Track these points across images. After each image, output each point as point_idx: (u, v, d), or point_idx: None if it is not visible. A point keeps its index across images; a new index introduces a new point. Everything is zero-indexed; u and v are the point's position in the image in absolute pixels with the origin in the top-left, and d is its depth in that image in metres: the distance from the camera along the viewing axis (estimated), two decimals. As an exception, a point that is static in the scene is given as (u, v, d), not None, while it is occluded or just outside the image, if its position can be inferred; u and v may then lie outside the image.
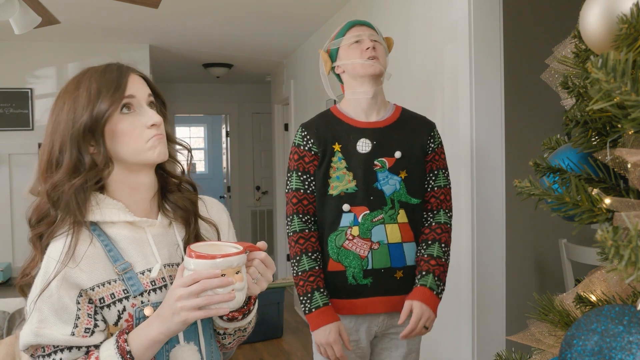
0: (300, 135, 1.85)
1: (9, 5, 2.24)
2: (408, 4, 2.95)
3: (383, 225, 1.80)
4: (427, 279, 1.79)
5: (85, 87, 1.09)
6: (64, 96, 1.12)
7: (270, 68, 6.24)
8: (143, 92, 1.13)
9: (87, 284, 1.05)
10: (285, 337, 4.76)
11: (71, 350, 1.04)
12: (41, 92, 4.72)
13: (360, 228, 1.79)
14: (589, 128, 1.02)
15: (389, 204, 1.81)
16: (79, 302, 1.04)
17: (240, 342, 1.30)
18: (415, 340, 1.89)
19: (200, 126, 10.22)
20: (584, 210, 0.90)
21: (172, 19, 4.09)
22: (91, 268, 1.06)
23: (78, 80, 1.12)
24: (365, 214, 1.80)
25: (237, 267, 1.02)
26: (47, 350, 1.04)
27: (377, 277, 1.80)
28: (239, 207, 7.51)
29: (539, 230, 3.41)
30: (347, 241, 1.80)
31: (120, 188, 1.13)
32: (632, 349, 0.69)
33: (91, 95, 1.08)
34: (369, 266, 1.79)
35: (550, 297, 1.09)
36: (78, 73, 1.14)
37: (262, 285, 1.11)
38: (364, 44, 1.82)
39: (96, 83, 1.09)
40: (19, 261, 4.52)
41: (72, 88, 1.11)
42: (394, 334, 1.87)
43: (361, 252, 1.79)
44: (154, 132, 1.10)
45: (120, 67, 1.13)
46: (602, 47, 0.86)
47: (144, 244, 1.12)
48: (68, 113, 1.09)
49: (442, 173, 1.90)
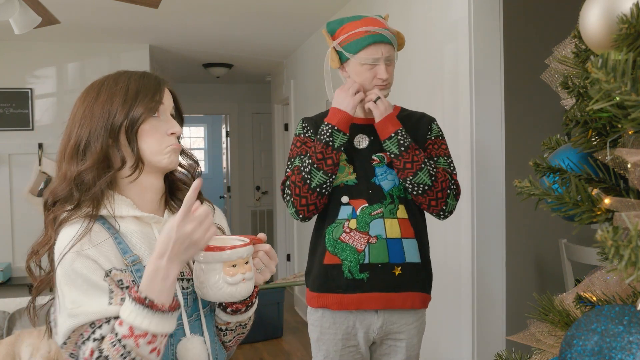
0: (300, 126, 1.90)
1: (9, 5, 2.24)
2: (408, 4, 2.95)
3: (382, 219, 1.78)
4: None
5: (124, 85, 1.15)
6: (99, 87, 1.16)
7: (270, 68, 6.24)
8: (169, 103, 1.21)
9: (107, 266, 1.07)
10: (285, 337, 4.76)
11: (109, 321, 1.03)
12: (41, 92, 4.72)
13: (358, 221, 1.78)
14: (589, 128, 1.02)
15: (388, 199, 1.80)
16: (106, 280, 1.06)
17: (239, 340, 1.32)
18: (414, 346, 1.88)
19: (200, 126, 10.22)
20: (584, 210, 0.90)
21: (172, 19, 4.09)
22: (106, 253, 1.09)
23: (116, 77, 1.18)
24: (363, 207, 1.79)
25: (247, 257, 1.09)
26: (86, 334, 1.03)
27: (374, 272, 1.77)
28: (239, 207, 7.51)
29: (539, 230, 3.41)
30: (344, 234, 1.78)
31: (130, 186, 1.17)
32: (632, 349, 0.69)
33: (128, 95, 1.14)
34: (366, 260, 1.77)
35: (550, 297, 1.09)
36: (114, 72, 1.20)
37: (265, 276, 1.17)
38: (379, 70, 1.79)
39: (135, 85, 1.15)
40: (19, 261, 4.52)
41: (111, 82, 1.16)
42: (392, 340, 1.85)
43: (358, 245, 1.77)
44: (173, 140, 1.18)
45: (157, 76, 1.21)
46: (602, 47, 0.86)
47: (151, 239, 1.16)
48: (104, 105, 1.13)
49: (444, 160, 1.85)
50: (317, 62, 4.50)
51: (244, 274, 1.07)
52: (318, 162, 1.75)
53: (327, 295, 1.81)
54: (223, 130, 8.12)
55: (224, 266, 1.06)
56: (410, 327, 1.85)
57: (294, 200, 1.78)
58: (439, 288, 2.64)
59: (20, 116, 4.66)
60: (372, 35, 1.78)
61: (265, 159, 7.47)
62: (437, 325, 2.67)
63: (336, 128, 1.77)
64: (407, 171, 1.74)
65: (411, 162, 1.75)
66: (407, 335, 1.85)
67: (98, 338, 1.02)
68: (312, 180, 1.75)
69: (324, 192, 1.77)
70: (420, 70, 2.86)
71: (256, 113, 7.51)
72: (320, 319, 1.85)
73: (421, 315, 1.91)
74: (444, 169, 1.81)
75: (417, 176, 1.75)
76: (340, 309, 1.81)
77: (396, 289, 1.80)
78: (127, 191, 1.17)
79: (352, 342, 1.84)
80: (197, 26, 4.34)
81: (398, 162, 1.76)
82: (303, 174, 1.76)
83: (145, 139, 1.15)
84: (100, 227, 1.12)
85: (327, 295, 1.81)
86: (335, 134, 1.76)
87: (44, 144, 4.65)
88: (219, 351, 1.22)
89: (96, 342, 1.01)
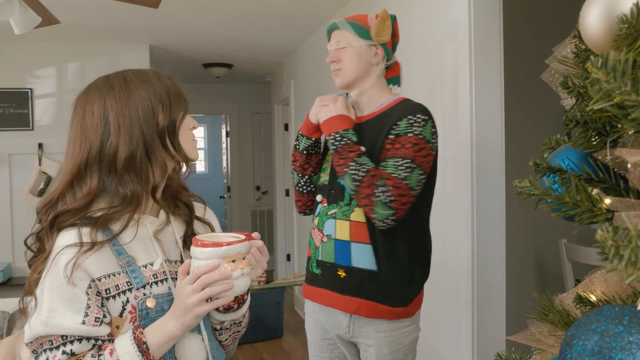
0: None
1: (9, 5, 2.24)
2: (408, 4, 2.95)
3: (334, 220, 1.79)
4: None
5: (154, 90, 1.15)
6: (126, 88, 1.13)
7: (270, 68, 6.24)
8: None
9: (96, 274, 1.08)
10: (285, 337, 4.76)
11: (81, 341, 1.05)
12: (41, 92, 4.72)
13: (318, 219, 1.85)
14: (589, 128, 1.02)
15: (345, 200, 1.77)
16: (88, 293, 1.07)
17: (236, 339, 1.33)
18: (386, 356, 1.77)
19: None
20: (584, 210, 0.90)
21: (172, 19, 4.09)
22: (99, 259, 1.09)
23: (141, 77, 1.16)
24: (324, 207, 1.84)
25: (244, 253, 1.12)
26: (55, 343, 1.04)
27: (324, 269, 1.82)
28: (239, 207, 7.51)
29: (539, 230, 3.41)
30: (312, 229, 1.88)
31: None
32: (632, 349, 0.69)
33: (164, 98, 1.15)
34: (319, 257, 1.83)
35: (550, 297, 1.09)
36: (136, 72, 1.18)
37: (257, 272, 1.19)
38: (328, 56, 1.85)
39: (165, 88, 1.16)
40: (19, 261, 4.52)
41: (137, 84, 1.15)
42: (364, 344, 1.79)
43: (316, 241, 1.85)
44: (194, 134, 1.24)
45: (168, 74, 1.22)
46: (602, 47, 0.86)
47: (146, 240, 1.17)
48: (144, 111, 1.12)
49: (393, 162, 1.66)
50: (317, 62, 4.50)
51: (243, 269, 1.09)
52: (292, 164, 1.98)
53: (304, 283, 1.95)
54: (223, 130, 8.12)
55: (223, 262, 1.08)
56: (379, 336, 1.76)
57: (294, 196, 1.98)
58: (439, 288, 2.64)
59: (20, 116, 4.66)
60: (329, 26, 1.88)
61: (265, 159, 7.47)
62: (436, 325, 2.67)
63: (300, 133, 1.93)
64: (337, 173, 1.78)
65: (338, 165, 1.73)
66: (376, 343, 1.76)
67: (68, 352, 1.05)
68: (293, 180, 1.97)
69: (302, 191, 1.94)
70: (420, 70, 2.86)
71: (256, 113, 7.51)
72: (307, 307, 1.97)
73: (399, 326, 1.78)
74: (390, 173, 1.65)
75: (344, 179, 1.72)
76: (305, 297, 1.93)
77: (340, 291, 1.78)
78: None
79: (328, 335, 1.89)
80: (197, 26, 4.34)
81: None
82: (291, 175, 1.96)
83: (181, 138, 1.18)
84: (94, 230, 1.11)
85: (304, 283, 1.95)
86: (300, 138, 1.93)
87: (44, 144, 4.64)
88: (216, 350, 1.23)
89: (65, 355, 1.04)
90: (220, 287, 1.07)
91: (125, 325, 1.10)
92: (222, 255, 1.08)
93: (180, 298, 1.08)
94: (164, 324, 1.09)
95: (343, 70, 1.80)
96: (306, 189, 1.93)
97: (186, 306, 1.07)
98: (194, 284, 1.06)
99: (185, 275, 1.09)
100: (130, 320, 1.10)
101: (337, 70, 1.81)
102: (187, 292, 1.06)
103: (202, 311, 1.07)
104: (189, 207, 1.29)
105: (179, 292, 1.09)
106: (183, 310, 1.07)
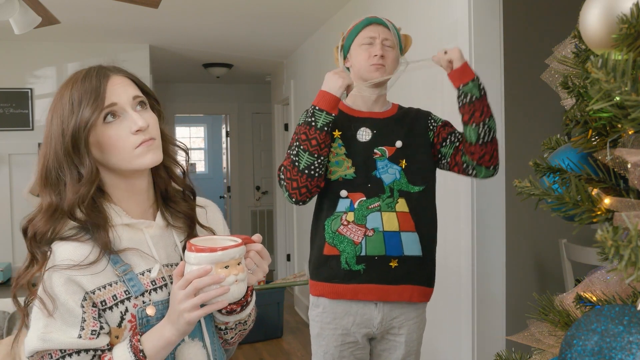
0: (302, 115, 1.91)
1: (9, 5, 2.24)
2: (408, 4, 2.95)
3: (379, 212, 1.80)
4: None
5: (68, 96, 1.07)
6: (54, 105, 1.10)
7: (270, 68, 6.24)
8: (126, 95, 1.09)
9: (89, 287, 1.05)
10: (285, 337, 4.76)
11: (79, 353, 1.04)
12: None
13: (355, 214, 1.81)
14: (589, 128, 1.02)
15: (387, 192, 1.82)
16: (83, 306, 1.05)
17: (243, 336, 1.31)
18: (414, 342, 1.89)
19: (200, 126, 10.22)
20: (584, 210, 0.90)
21: (172, 19, 4.09)
22: (92, 271, 1.06)
23: (62, 89, 1.10)
24: (361, 201, 1.81)
25: (239, 258, 1.06)
26: (55, 356, 1.04)
27: (370, 264, 1.80)
28: (239, 207, 7.51)
29: (539, 230, 3.40)
30: (342, 226, 1.81)
31: (117, 192, 1.14)
32: (632, 349, 0.69)
33: (74, 105, 1.05)
34: (362, 252, 1.79)
35: (550, 297, 1.09)
36: (67, 79, 1.11)
37: (258, 276, 1.15)
38: (373, 48, 1.84)
39: (77, 92, 1.06)
40: (19, 261, 4.51)
41: (58, 97, 1.09)
42: (392, 335, 1.87)
43: (355, 238, 1.80)
44: (141, 138, 1.07)
45: (99, 71, 1.09)
46: (602, 47, 0.86)
47: (143, 245, 1.13)
48: (57, 125, 1.07)
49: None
50: (317, 62, 4.50)
51: (237, 275, 1.05)
52: (303, 143, 1.77)
53: (325, 284, 1.85)
54: (223, 130, 8.12)
55: (215, 268, 1.03)
56: (410, 323, 1.87)
57: (287, 184, 1.80)
58: (439, 288, 2.63)
59: (20, 116, 4.66)
60: (368, 18, 1.90)
61: (265, 159, 7.47)
62: (437, 325, 2.67)
63: (317, 108, 1.77)
64: (484, 115, 1.77)
65: (488, 105, 1.79)
66: (406, 331, 1.87)
67: None
68: (300, 162, 1.77)
69: (314, 174, 1.77)
70: (420, 70, 2.85)
71: (256, 113, 7.51)
72: (320, 314, 1.87)
73: (422, 311, 1.92)
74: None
75: (491, 119, 1.79)
76: (337, 298, 1.83)
77: (392, 282, 1.82)
78: (115, 198, 1.13)
79: (351, 338, 1.85)
80: (197, 26, 4.34)
81: (479, 104, 1.76)
82: (292, 157, 1.78)
83: (111, 150, 1.07)
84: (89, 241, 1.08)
85: (325, 285, 1.85)
86: (317, 114, 1.77)
87: (44, 144, 4.65)
88: (218, 352, 1.21)
89: None
90: (214, 292, 1.03)
91: (125, 335, 1.08)
92: (214, 261, 1.03)
93: (173, 303, 1.05)
94: (160, 330, 1.07)
95: (386, 68, 1.86)
96: (318, 171, 1.78)
97: (179, 312, 1.04)
98: (186, 289, 1.03)
99: (181, 278, 1.06)
100: (130, 329, 1.08)
101: (381, 65, 1.84)
102: (179, 297, 1.03)
103: (195, 317, 1.04)
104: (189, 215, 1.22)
105: (172, 296, 1.06)
106: (176, 316, 1.05)
